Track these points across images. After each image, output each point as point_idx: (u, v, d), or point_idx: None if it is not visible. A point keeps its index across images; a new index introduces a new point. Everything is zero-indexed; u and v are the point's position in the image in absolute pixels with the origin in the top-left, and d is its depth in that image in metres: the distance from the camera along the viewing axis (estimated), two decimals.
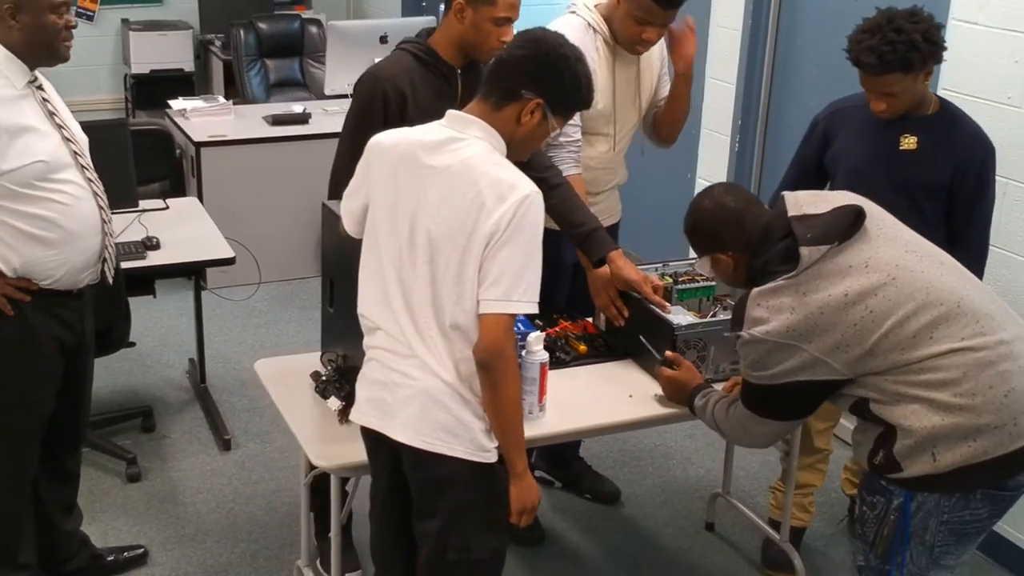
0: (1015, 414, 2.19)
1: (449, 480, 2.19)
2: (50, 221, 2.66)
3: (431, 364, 2.17)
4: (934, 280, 2.25)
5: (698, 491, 3.81)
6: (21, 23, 2.60)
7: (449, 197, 2.15)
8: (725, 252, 2.44)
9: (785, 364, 2.26)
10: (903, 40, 2.73)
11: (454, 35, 2.84)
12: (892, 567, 2.34)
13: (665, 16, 3.01)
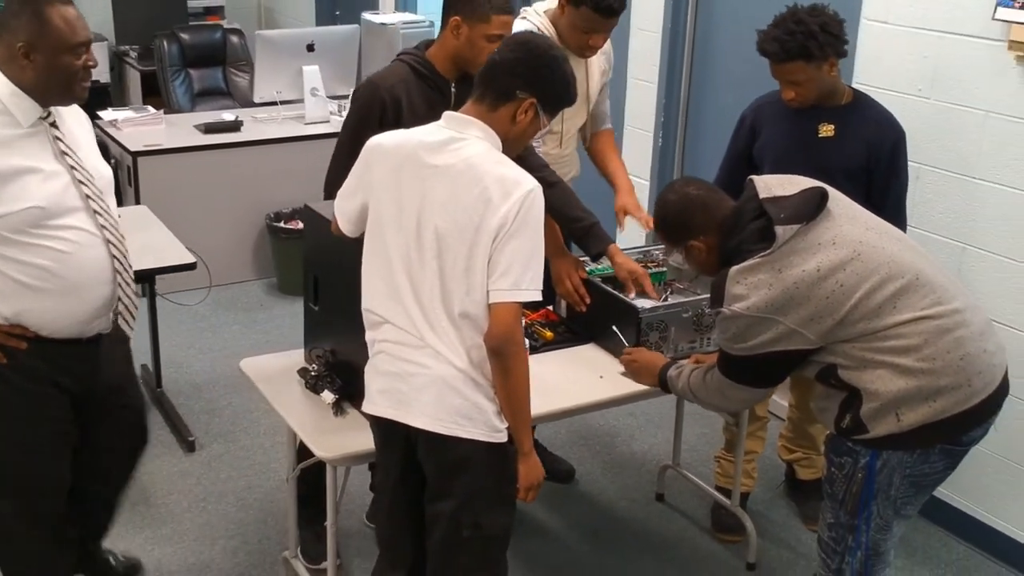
0: (970, 375, 2.34)
1: (465, 461, 2.23)
2: (46, 270, 2.39)
3: (444, 353, 2.20)
4: (894, 255, 2.38)
5: (644, 465, 3.90)
6: (35, 63, 2.33)
7: (455, 195, 2.18)
8: (696, 238, 2.52)
9: (763, 336, 2.35)
10: (802, 30, 2.91)
11: (450, 50, 2.88)
12: (860, 521, 2.46)
13: (609, 24, 3.10)
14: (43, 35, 2.30)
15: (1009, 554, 3.41)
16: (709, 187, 2.63)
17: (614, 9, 3.05)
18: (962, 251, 3.39)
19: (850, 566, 2.52)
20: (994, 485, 3.41)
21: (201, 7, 7.33)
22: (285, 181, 5.23)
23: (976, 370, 2.35)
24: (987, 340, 2.41)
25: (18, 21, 2.30)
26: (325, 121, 5.43)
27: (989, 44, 3.20)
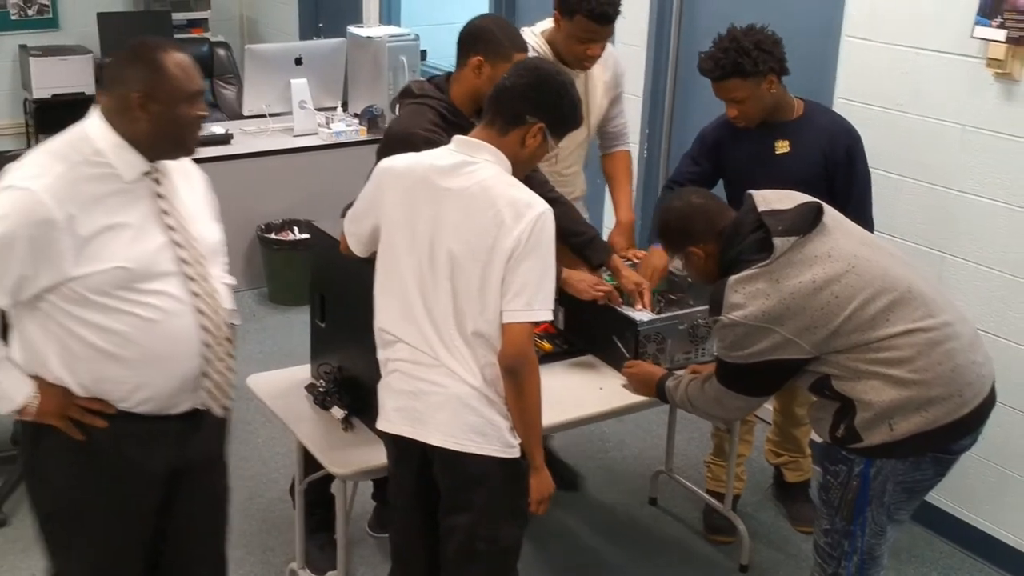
0: (960, 387, 2.39)
1: (480, 476, 2.25)
2: (124, 337, 2.14)
3: (458, 371, 2.22)
4: (887, 269, 2.42)
5: (636, 469, 3.93)
6: (151, 114, 2.12)
7: (468, 217, 2.20)
8: (696, 245, 2.56)
9: (760, 345, 2.39)
10: (735, 47, 2.97)
11: (470, 88, 2.85)
12: (855, 527, 2.50)
13: (604, 31, 3.13)
14: (160, 84, 2.12)
15: (994, 555, 3.47)
16: (712, 197, 2.67)
17: (608, 16, 3.07)
18: (942, 260, 3.45)
19: (846, 570, 2.55)
20: (979, 487, 3.47)
21: (185, 20, 7.27)
22: (275, 193, 5.23)
23: (966, 381, 2.40)
24: (976, 352, 2.46)
25: (134, 71, 2.12)
26: (313, 133, 5.43)
27: (967, 61, 3.26)
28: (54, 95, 6.82)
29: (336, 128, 5.40)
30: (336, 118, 5.51)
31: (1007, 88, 3.18)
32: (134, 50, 2.17)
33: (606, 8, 3.06)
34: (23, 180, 2.07)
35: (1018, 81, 3.15)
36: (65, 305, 2.12)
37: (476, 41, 2.84)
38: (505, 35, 2.83)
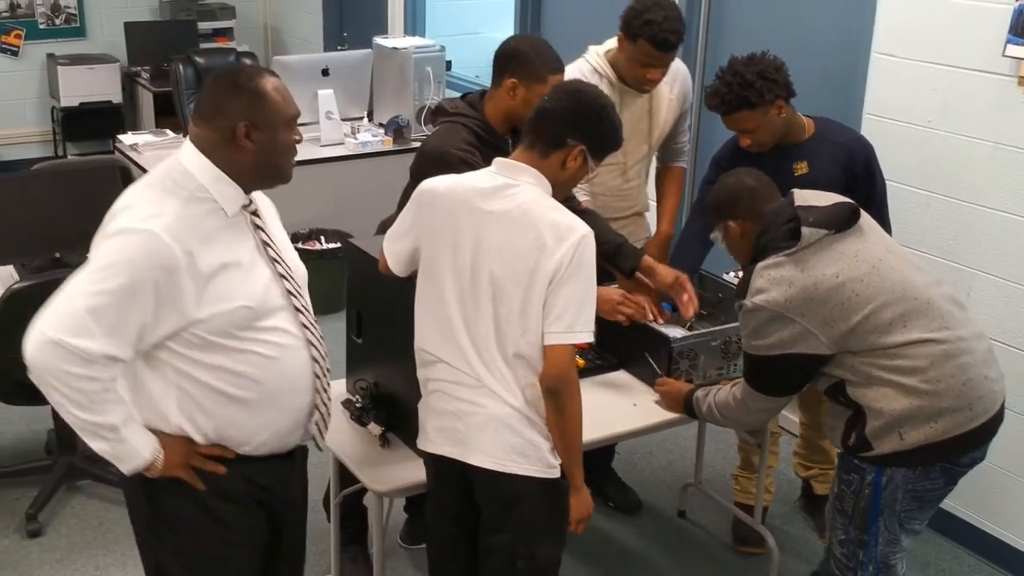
0: (971, 400, 2.43)
1: (521, 497, 2.25)
2: (249, 378, 2.07)
3: (499, 392, 2.22)
4: (909, 279, 2.48)
5: (664, 481, 3.93)
6: (256, 142, 2.04)
7: (510, 239, 2.20)
8: (736, 220, 2.62)
9: (780, 334, 2.44)
10: (738, 81, 2.93)
11: (505, 109, 2.85)
12: (869, 536, 2.54)
13: (666, 57, 3.12)
14: (263, 111, 2.05)
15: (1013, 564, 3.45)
16: (767, 182, 2.71)
17: (670, 43, 3.08)
18: (972, 276, 3.43)
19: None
20: (1013, 504, 3.45)
21: (210, 29, 7.31)
22: (302, 202, 5.21)
23: (978, 395, 2.43)
24: (990, 368, 2.49)
25: (236, 101, 2.03)
26: (340, 143, 5.44)
27: (998, 79, 3.24)
28: (81, 103, 6.89)
29: (362, 138, 5.41)
30: (362, 128, 5.52)
31: None
32: (232, 80, 2.07)
33: (668, 36, 3.06)
34: (140, 221, 1.96)
35: None
36: (185, 351, 2.03)
37: (510, 62, 2.84)
38: (540, 57, 2.82)
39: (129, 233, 1.96)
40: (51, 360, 1.94)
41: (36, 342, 1.95)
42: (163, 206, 2.00)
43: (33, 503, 3.53)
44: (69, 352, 1.92)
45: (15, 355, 2.02)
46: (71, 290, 1.96)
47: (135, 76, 7.11)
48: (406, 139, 5.48)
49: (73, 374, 1.94)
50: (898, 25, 3.51)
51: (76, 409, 1.98)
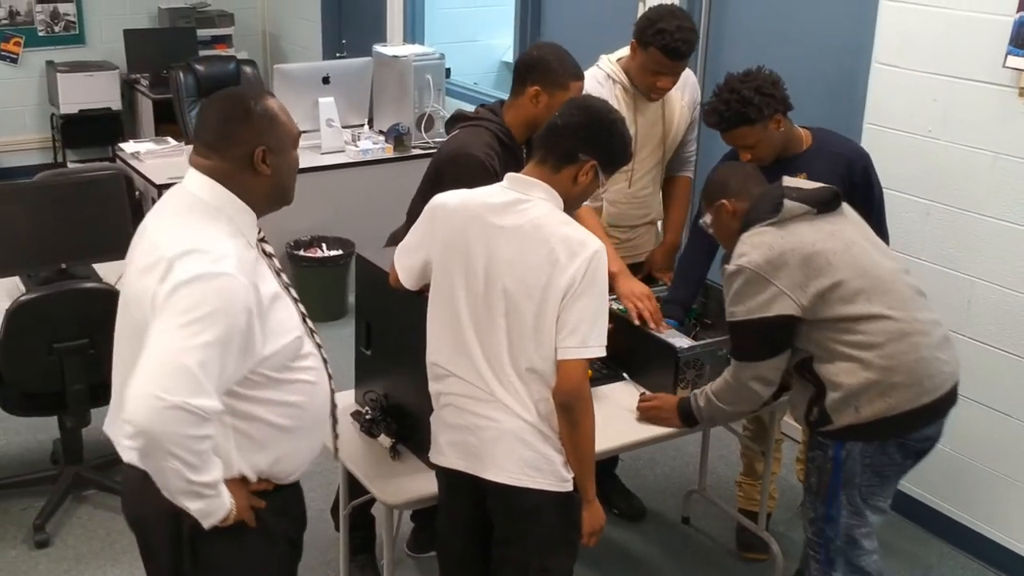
0: (922, 377, 2.55)
1: (534, 510, 2.25)
2: (300, 407, 2.05)
3: (512, 406, 2.22)
4: (878, 263, 2.61)
5: (667, 488, 3.93)
6: (272, 166, 2.01)
7: (522, 255, 2.19)
8: (729, 199, 2.72)
9: (758, 297, 2.54)
10: (736, 98, 2.93)
11: (528, 116, 2.90)
12: (832, 510, 2.65)
13: (676, 66, 3.13)
14: (277, 132, 2.02)
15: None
16: (757, 171, 2.84)
17: (680, 52, 3.08)
18: (972, 285, 3.44)
19: (836, 552, 2.68)
20: (1006, 505, 3.47)
21: (209, 36, 7.30)
22: (303, 210, 5.12)
23: (928, 373, 2.55)
24: (943, 351, 2.62)
25: (250, 127, 1.98)
26: (340, 151, 5.43)
27: (999, 90, 3.25)
28: (81, 110, 6.88)
29: (363, 146, 5.40)
30: (363, 136, 5.51)
31: None
32: (242, 105, 2.01)
33: (679, 44, 3.07)
34: (213, 264, 1.88)
35: None
36: (246, 391, 1.97)
37: (533, 71, 2.88)
38: (561, 64, 2.87)
39: (209, 279, 1.87)
40: (173, 426, 1.81)
41: (153, 408, 1.80)
42: (220, 244, 1.93)
43: (40, 513, 3.51)
44: (191, 414, 1.82)
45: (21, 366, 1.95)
46: (169, 347, 1.83)
47: (134, 83, 7.10)
48: (406, 147, 5.47)
49: (192, 436, 1.84)
50: (899, 35, 3.52)
51: (189, 472, 1.87)
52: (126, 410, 1.82)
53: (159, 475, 1.89)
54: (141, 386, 1.82)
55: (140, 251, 2.00)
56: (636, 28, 3.20)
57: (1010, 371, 3.38)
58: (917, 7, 3.45)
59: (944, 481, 3.64)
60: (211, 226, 1.97)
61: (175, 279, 1.87)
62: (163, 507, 1.98)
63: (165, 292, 1.86)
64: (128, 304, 2.01)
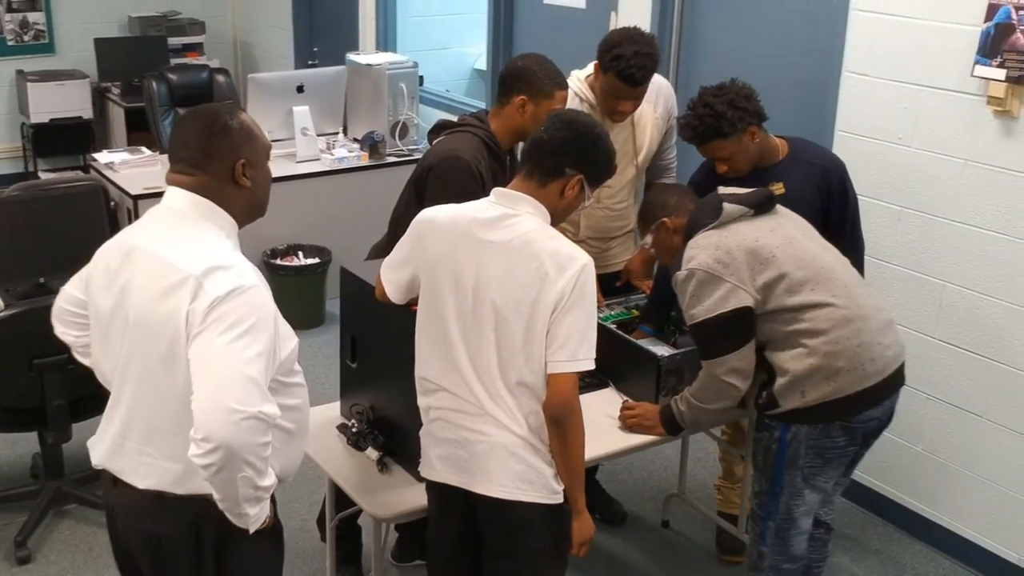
0: (863, 361, 2.63)
1: (526, 523, 2.24)
2: (300, 411, 2.10)
3: (503, 420, 2.21)
4: (818, 255, 2.71)
5: (646, 492, 3.93)
6: (251, 178, 2.04)
7: (511, 270, 2.18)
8: (668, 216, 2.82)
9: (714, 295, 2.61)
10: (709, 113, 2.95)
11: (513, 125, 2.94)
12: (776, 487, 2.76)
13: (634, 91, 3.12)
14: (254, 146, 2.05)
15: (997, 572, 3.50)
16: (692, 191, 2.97)
17: (636, 79, 3.07)
18: (942, 288, 3.47)
19: (770, 529, 2.80)
20: (978, 504, 3.51)
21: (180, 44, 7.22)
22: (280, 218, 5.16)
23: (869, 357, 2.63)
24: (884, 336, 2.69)
25: (228, 142, 2.00)
26: (316, 159, 5.40)
27: (967, 98, 3.28)
28: (51, 119, 6.79)
29: (338, 154, 5.37)
30: (338, 144, 5.48)
31: (1006, 125, 3.21)
32: (219, 122, 2.02)
33: (634, 71, 3.06)
34: (243, 277, 1.93)
35: (1017, 118, 3.17)
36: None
37: (518, 81, 2.92)
38: (546, 74, 2.92)
39: (242, 292, 1.90)
40: (250, 436, 1.84)
41: (232, 422, 1.81)
42: (235, 257, 1.98)
43: (21, 530, 3.45)
44: (262, 422, 1.86)
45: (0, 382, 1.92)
46: (230, 361, 1.86)
47: (105, 92, 7.01)
48: (381, 154, 5.45)
49: (263, 443, 1.88)
50: (868, 44, 3.55)
51: (258, 478, 1.90)
52: (200, 427, 1.82)
53: (229, 487, 1.89)
54: (213, 401, 1.83)
55: (149, 272, 1.97)
56: (598, 51, 3.20)
57: (980, 372, 3.42)
58: (886, 17, 3.48)
59: (917, 480, 3.68)
60: (217, 241, 1.99)
61: (210, 296, 1.88)
62: (184, 521, 2.02)
63: (202, 310, 1.88)
64: (146, 326, 1.96)
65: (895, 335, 2.74)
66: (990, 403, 3.41)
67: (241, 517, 1.95)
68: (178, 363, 1.91)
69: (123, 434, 2.06)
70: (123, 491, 2.08)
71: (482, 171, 2.87)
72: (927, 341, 3.54)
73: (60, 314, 2.22)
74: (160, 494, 2.01)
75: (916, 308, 3.55)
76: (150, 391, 1.98)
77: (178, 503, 2.02)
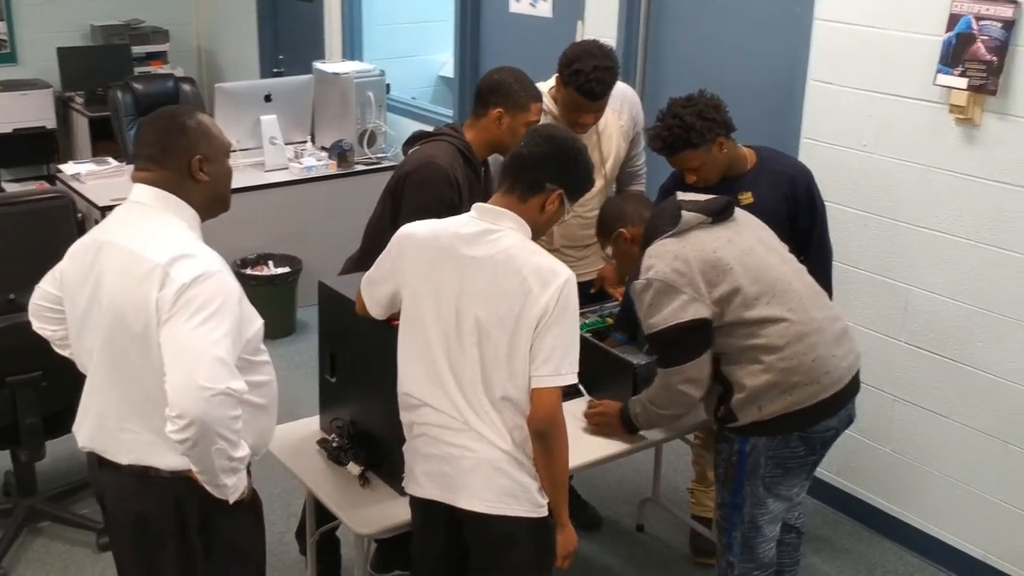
0: (819, 375, 2.64)
1: (511, 536, 2.23)
2: (268, 386, 2.22)
3: (488, 435, 2.19)
4: (774, 266, 2.69)
5: (620, 496, 3.93)
6: (209, 174, 2.16)
7: (494, 285, 2.17)
8: (626, 226, 2.80)
9: (672, 305, 2.59)
10: (678, 124, 2.96)
11: (490, 137, 2.94)
12: (738, 499, 2.77)
13: (594, 105, 3.12)
14: (211, 143, 2.17)
15: (963, 568, 3.54)
16: (648, 199, 2.98)
17: (595, 93, 3.07)
18: (908, 292, 3.51)
19: (736, 539, 2.81)
20: (945, 503, 3.54)
21: (144, 53, 7.11)
22: (249, 228, 5.11)
23: (824, 370, 2.64)
24: (839, 347, 2.69)
25: (184, 139, 2.13)
26: (284, 168, 5.34)
27: (930, 106, 3.31)
28: (15, 129, 6.66)
29: (307, 163, 5.32)
30: (306, 153, 5.43)
31: (968, 132, 3.24)
32: (176, 121, 2.15)
33: (593, 86, 3.07)
34: (207, 264, 2.04)
35: (978, 126, 3.21)
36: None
37: (495, 93, 2.92)
38: (522, 87, 2.93)
39: (207, 278, 2.02)
40: (221, 410, 1.97)
41: (202, 398, 1.95)
42: (198, 245, 2.09)
43: None
44: (231, 397, 1.98)
45: None
46: (198, 343, 1.98)
47: (69, 101, 6.88)
48: (350, 163, 5.41)
49: (233, 417, 2.00)
50: (833, 54, 3.57)
51: (232, 450, 2.03)
52: (175, 406, 1.95)
53: (204, 459, 2.01)
54: (184, 381, 1.96)
55: (119, 265, 2.08)
56: (558, 65, 3.20)
57: (945, 374, 3.46)
58: (850, 27, 3.50)
59: (885, 480, 3.71)
60: (179, 231, 2.11)
61: (176, 283, 2.00)
62: (168, 498, 2.15)
63: (170, 296, 2.00)
64: (119, 313, 2.07)
65: (850, 344, 2.75)
66: (955, 404, 3.45)
67: (220, 488, 2.07)
68: (151, 346, 2.04)
69: (103, 414, 2.18)
70: (109, 472, 2.20)
71: (458, 178, 2.86)
72: (893, 344, 3.57)
73: (37, 311, 2.34)
74: (144, 471, 2.14)
75: (882, 312, 3.58)
76: (127, 374, 2.11)
77: (161, 482, 2.14)
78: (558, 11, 4.82)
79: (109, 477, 2.21)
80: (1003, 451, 3.34)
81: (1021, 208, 3.17)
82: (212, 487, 2.08)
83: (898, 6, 3.35)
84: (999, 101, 3.13)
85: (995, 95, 3.13)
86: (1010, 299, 3.24)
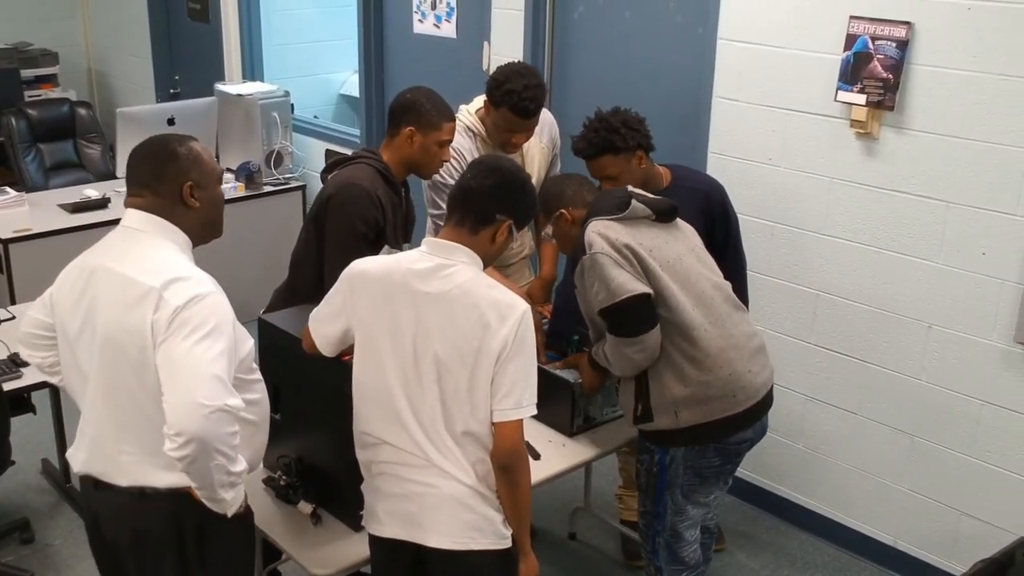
0: (734, 389, 2.65)
1: (476, 569, 2.16)
2: (261, 404, 2.20)
3: (450, 470, 2.11)
4: (702, 277, 2.70)
5: (550, 507, 3.87)
6: (200, 199, 2.13)
7: (452, 320, 2.08)
8: (566, 207, 2.75)
9: (618, 278, 2.55)
10: (604, 126, 2.99)
11: (404, 156, 2.87)
12: (660, 507, 2.79)
13: (527, 123, 3.08)
14: (202, 170, 2.13)
15: (875, 554, 3.62)
16: (590, 181, 2.91)
17: (529, 111, 3.05)
18: (815, 297, 3.56)
19: (660, 545, 2.83)
20: (857, 494, 3.62)
21: (33, 76, 6.69)
22: None
23: (740, 385, 2.65)
24: (755, 363, 2.71)
25: (175, 166, 2.10)
26: None
27: (832, 121, 3.37)
28: None
29: None
30: None
31: (867, 145, 3.31)
32: (168, 148, 2.13)
33: (527, 104, 3.06)
34: (201, 286, 2.02)
35: (877, 139, 3.28)
36: None
37: (407, 113, 2.86)
38: (435, 107, 2.87)
39: (201, 299, 2.00)
40: (218, 427, 1.93)
41: (201, 416, 1.91)
42: (191, 268, 2.07)
43: None
44: (230, 414, 1.95)
45: None
46: (195, 362, 1.95)
47: None
48: (258, 184, 5.21)
49: (231, 432, 1.97)
50: (736, 72, 3.60)
51: (230, 464, 2.00)
52: (173, 424, 1.91)
53: (204, 475, 1.98)
54: (182, 399, 1.93)
55: (112, 289, 2.04)
56: (486, 88, 3.18)
57: (852, 373, 3.53)
58: (752, 46, 3.53)
59: (800, 475, 3.77)
60: (172, 255, 2.08)
61: (171, 305, 1.97)
62: (166, 516, 2.12)
63: (165, 319, 1.97)
64: (115, 338, 2.04)
65: (765, 359, 2.76)
66: (863, 401, 3.53)
67: (219, 503, 2.05)
68: (148, 369, 2.00)
69: (100, 439, 2.13)
70: (106, 494, 2.15)
71: (380, 197, 2.78)
72: (804, 346, 3.63)
73: (27, 339, 2.27)
74: (142, 491, 2.10)
75: (792, 316, 3.64)
76: (124, 397, 2.06)
77: (159, 499, 2.11)
78: (463, 32, 4.74)
79: (105, 497, 2.16)
80: (909, 443, 3.43)
81: (918, 216, 3.25)
82: (211, 502, 2.05)
83: (797, 26, 3.39)
84: (896, 116, 3.21)
85: (892, 110, 3.20)
86: (910, 301, 3.33)
